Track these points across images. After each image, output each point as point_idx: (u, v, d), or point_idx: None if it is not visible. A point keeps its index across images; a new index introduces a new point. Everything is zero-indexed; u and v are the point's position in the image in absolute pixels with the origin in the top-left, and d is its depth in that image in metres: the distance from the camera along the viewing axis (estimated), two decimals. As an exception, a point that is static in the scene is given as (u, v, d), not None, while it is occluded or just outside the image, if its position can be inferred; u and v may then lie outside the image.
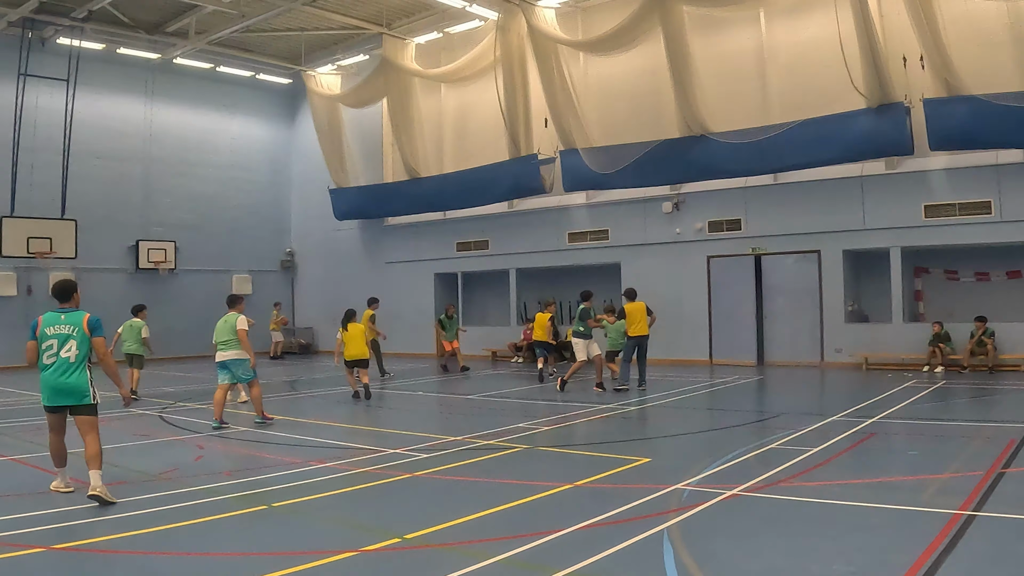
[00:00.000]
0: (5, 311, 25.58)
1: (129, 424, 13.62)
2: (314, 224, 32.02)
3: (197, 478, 9.15)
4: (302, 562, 6.02)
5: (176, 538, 6.81)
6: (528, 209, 26.01)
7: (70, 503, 8.01)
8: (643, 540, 6.28)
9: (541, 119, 23.33)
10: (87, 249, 26.59)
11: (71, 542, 6.67)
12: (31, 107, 25.42)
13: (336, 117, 29.30)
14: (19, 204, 25.06)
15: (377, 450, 10.65)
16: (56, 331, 8.34)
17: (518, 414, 13.98)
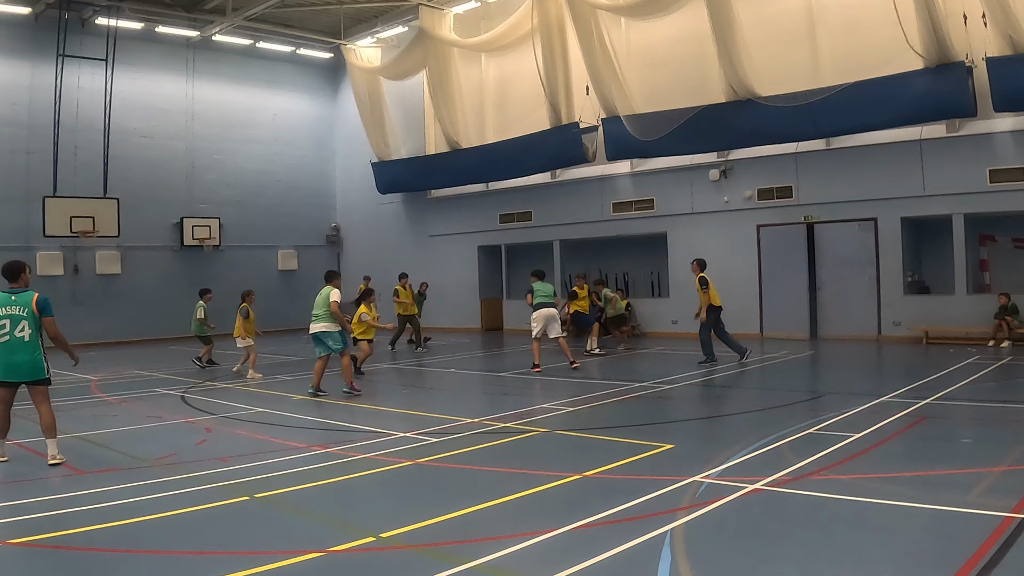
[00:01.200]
0: (53, 290, 25.59)
1: (148, 405, 13.34)
2: (358, 198, 31.66)
3: (191, 464, 8.68)
4: (257, 563, 5.47)
5: (137, 533, 6.32)
6: (571, 179, 25.24)
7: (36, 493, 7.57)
8: (642, 544, 5.57)
9: (582, 87, 22.47)
10: (131, 227, 26.57)
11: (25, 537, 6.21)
12: (72, 88, 25.35)
13: (377, 90, 28.78)
14: (62, 184, 25.07)
15: (387, 433, 10.09)
16: (8, 312, 8.69)
17: (545, 393, 13.29)
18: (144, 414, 12.46)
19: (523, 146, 24.22)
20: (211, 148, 29.37)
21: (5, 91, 24.79)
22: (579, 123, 22.55)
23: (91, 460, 9.10)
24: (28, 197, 24.87)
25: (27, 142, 25.06)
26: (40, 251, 25.45)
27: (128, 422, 11.82)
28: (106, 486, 7.75)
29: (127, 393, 14.81)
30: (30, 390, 8.96)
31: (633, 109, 21.37)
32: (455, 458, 8.65)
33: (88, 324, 25.82)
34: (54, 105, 24.95)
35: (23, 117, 25.00)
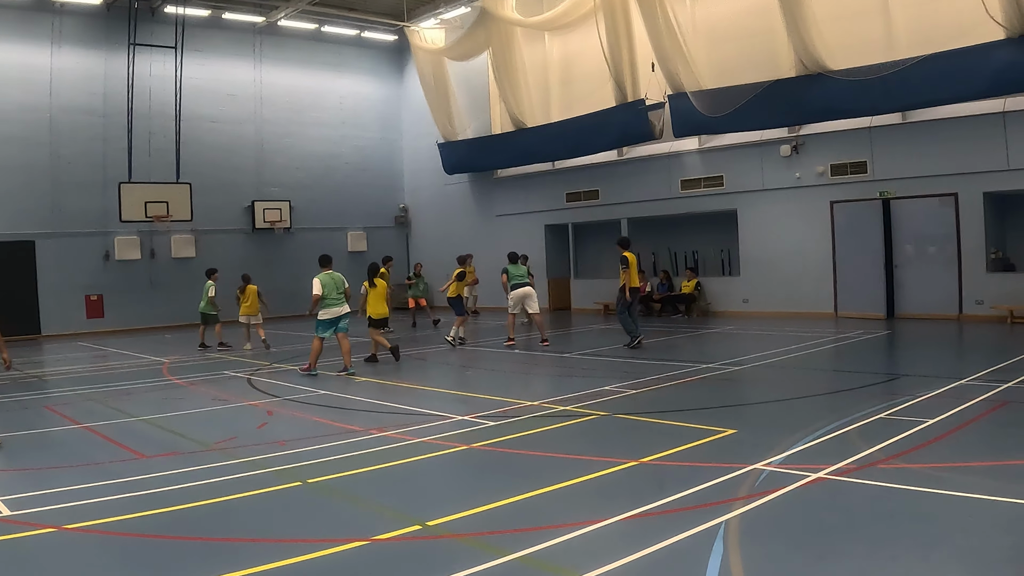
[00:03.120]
0: (131, 274, 26.39)
1: (214, 387, 13.53)
2: (425, 179, 31.70)
3: (249, 448, 8.73)
4: (303, 552, 5.43)
5: (189, 519, 6.36)
6: (638, 156, 24.84)
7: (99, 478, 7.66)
8: (694, 536, 5.36)
9: (647, 63, 22.00)
10: (203, 211, 27.03)
11: (83, 522, 6.27)
12: (144, 75, 25.79)
13: (441, 71, 28.71)
14: (136, 170, 25.60)
15: (445, 416, 10.01)
16: None
17: (609, 375, 13.01)
18: (210, 397, 12.63)
19: (589, 124, 23.88)
20: (280, 132, 29.69)
21: (82, 81, 25.39)
22: (645, 100, 22.09)
23: (154, 444, 9.22)
24: (105, 183, 25.51)
25: (103, 130, 25.66)
26: (118, 236, 26.12)
27: (194, 405, 11.99)
28: (165, 470, 7.83)
29: (196, 376, 15.05)
30: None
31: (700, 85, 20.85)
32: (510, 443, 8.53)
33: (164, 307, 26.52)
34: (127, 93, 25.46)
35: (99, 106, 25.60)
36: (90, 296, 25.71)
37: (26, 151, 24.47)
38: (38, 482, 7.62)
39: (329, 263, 14.80)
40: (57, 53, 24.98)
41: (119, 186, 25.26)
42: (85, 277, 25.56)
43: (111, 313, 25.95)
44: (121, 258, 26.21)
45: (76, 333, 25.05)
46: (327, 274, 14.45)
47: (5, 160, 24.03)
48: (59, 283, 25.05)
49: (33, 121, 24.63)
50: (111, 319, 25.89)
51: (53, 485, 7.42)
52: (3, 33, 24.04)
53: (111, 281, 26.04)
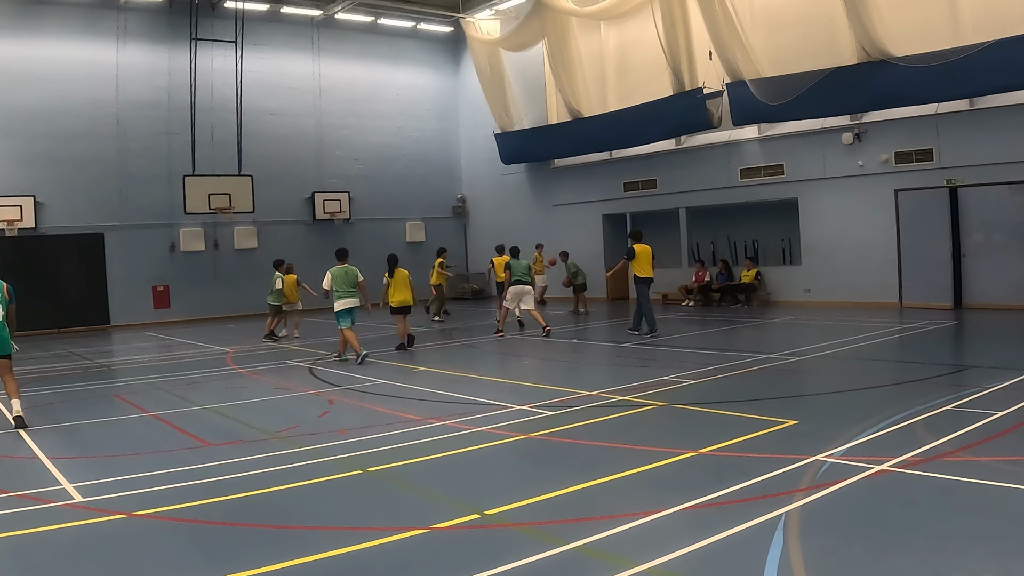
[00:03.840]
0: (196, 265, 26.92)
1: (276, 377, 13.76)
2: (483, 169, 31.79)
3: (311, 437, 8.88)
4: (362, 540, 5.51)
5: (251, 507, 6.50)
6: (696, 145, 24.60)
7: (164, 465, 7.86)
8: (753, 528, 5.32)
9: (705, 52, 21.75)
10: (265, 203, 27.48)
11: (151, 508, 6.44)
12: (206, 70, 26.33)
13: (497, 62, 28.73)
14: (200, 162, 26.11)
15: (503, 406, 10.05)
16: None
17: (667, 365, 12.95)
18: (273, 386, 12.85)
19: (646, 113, 23.72)
20: (339, 124, 30.00)
21: (146, 76, 25.95)
22: (703, 88, 21.86)
23: (219, 432, 9.42)
24: (170, 176, 26.06)
25: (168, 124, 26.19)
26: (183, 227, 26.67)
27: (257, 394, 12.21)
28: (229, 458, 8.00)
29: (259, 365, 15.32)
30: (4, 363, 10.14)
31: (759, 73, 20.56)
32: (568, 432, 8.54)
33: (228, 298, 27.02)
34: (190, 87, 25.98)
35: (163, 100, 26.14)
36: (157, 287, 26.32)
37: (95, 146, 25.12)
38: (108, 469, 7.83)
39: (345, 257, 15.61)
40: (122, 49, 25.56)
41: (183, 179, 25.80)
42: (152, 268, 26.18)
43: (177, 303, 26.53)
44: (186, 249, 26.77)
45: (143, 323, 25.66)
46: (340, 268, 15.20)
47: (75, 155, 24.69)
48: (127, 274, 25.70)
49: (101, 116, 25.26)
50: (177, 309, 26.48)
51: (123, 472, 7.63)
52: (70, 31, 24.65)
53: (176, 272, 26.63)
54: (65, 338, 22.77)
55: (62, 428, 10.07)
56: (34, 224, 23.99)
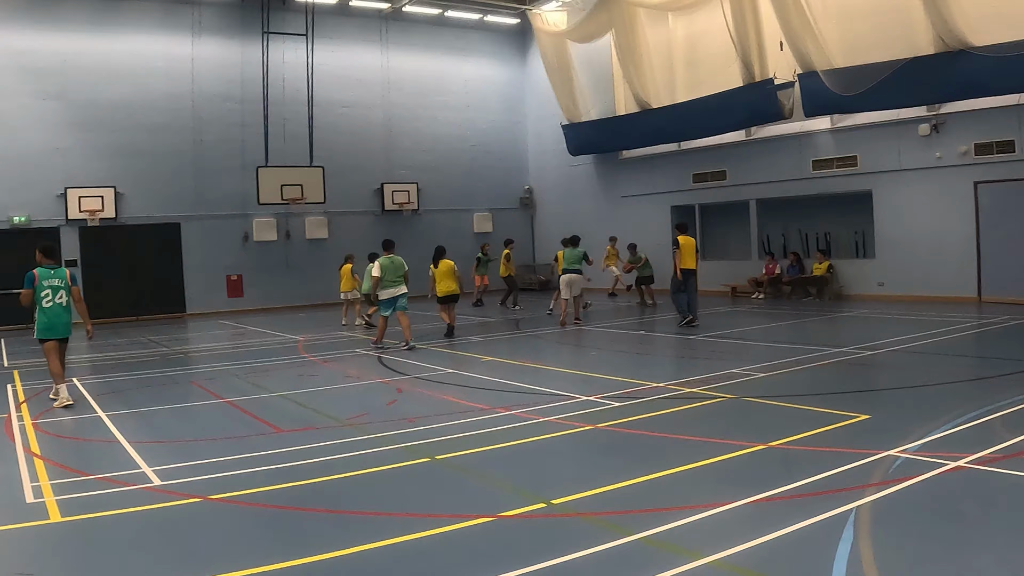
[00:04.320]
0: (268, 255, 27.46)
1: (345, 365, 13.99)
2: (550, 160, 31.75)
3: (380, 424, 9.02)
4: (430, 526, 5.59)
5: (322, 492, 6.63)
6: (767, 136, 24.21)
7: (238, 450, 8.06)
8: (822, 522, 5.26)
9: (775, 42, 21.35)
10: (335, 193, 27.86)
11: (226, 493, 6.61)
12: (277, 63, 26.87)
13: (564, 53, 28.63)
14: (272, 154, 26.62)
15: (570, 396, 10.08)
16: (51, 283, 10.88)
17: (736, 358, 12.79)
18: (343, 374, 13.07)
19: (715, 104, 23.41)
20: (407, 116, 30.26)
21: (220, 69, 26.53)
22: (774, 79, 21.48)
23: (290, 419, 9.62)
24: (244, 168, 26.61)
25: (241, 116, 26.75)
26: (256, 218, 27.21)
27: (327, 382, 12.43)
28: (300, 445, 8.17)
29: (329, 353, 15.58)
30: (60, 345, 11.02)
31: (831, 63, 20.13)
32: (636, 424, 8.52)
33: (299, 287, 27.50)
34: (262, 80, 26.54)
35: (237, 93, 26.70)
36: (230, 276, 26.92)
37: (172, 138, 25.79)
38: (185, 454, 8.07)
39: (391, 247, 16.17)
40: (197, 43, 26.18)
41: (257, 170, 26.32)
42: (226, 258, 26.79)
43: (250, 292, 27.11)
44: (259, 239, 27.32)
45: (218, 311, 26.26)
46: (387, 258, 15.79)
47: (154, 147, 25.39)
48: (202, 263, 26.36)
49: (177, 109, 25.91)
50: (250, 298, 27.04)
51: (199, 457, 7.85)
52: (148, 26, 25.36)
53: (250, 261, 27.20)
54: (143, 325, 23.45)
55: (141, 413, 10.40)
56: (115, 214, 24.74)
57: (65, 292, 10.98)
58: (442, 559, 5.10)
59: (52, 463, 7.81)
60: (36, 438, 8.97)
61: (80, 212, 24.19)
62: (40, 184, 23.80)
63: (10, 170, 23.35)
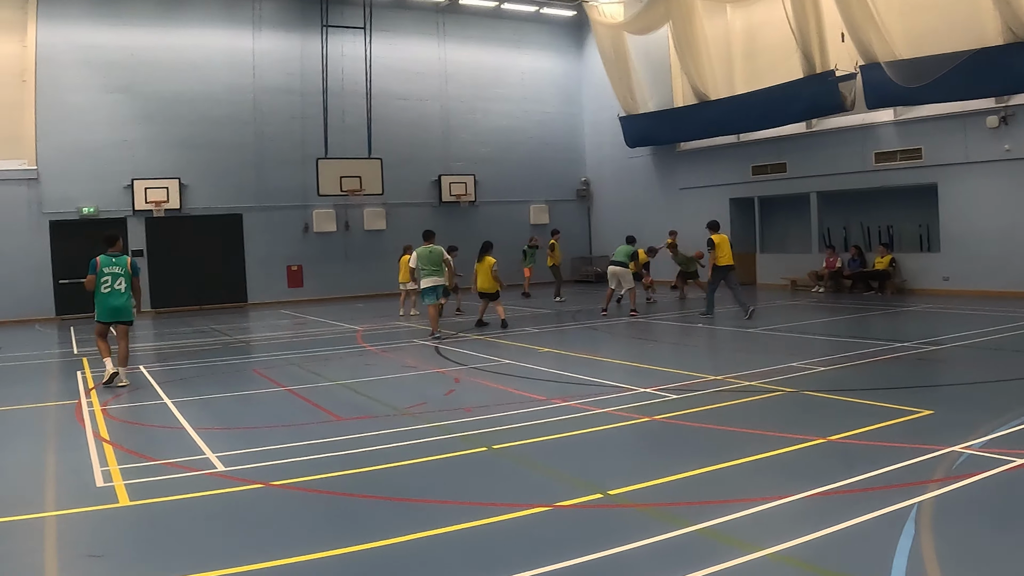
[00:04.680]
0: (328, 246, 27.81)
1: (404, 354, 14.12)
2: (607, 152, 31.62)
3: (438, 414, 9.11)
4: (487, 515, 5.65)
5: (380, 479, 6.74)
6: (828, 129, 23.81)
7: (301, 437, 8.21)
8: (883, 517, 5.21)
9: (836, 34, 20.94)
10: (393, 185, 28.10)
11: (287, 479, 6.75)
12: (336, 56, 27.19)
13: (621, 45, 28.46)
14: (332, 146, 26.94)
15: (626, 388, 10.07)
16: (111, 271, 11.59)
17: (796, 352, 12.67)
18: (401, 363, 13.21)
19: (775, 96, 23.08)
20: (464, 108, 30.40)
21: (281, 62, 26.94)
22: (835, 71, 21.11)
23: (350, 407, 9.77)
24: (304, 160, 26.98)
25: (301, 108, 27.12)
26: (316, 209, 27.58)
27: (386, 371, 12.58)
28: (359, 432, 8.31)
29: (387, 343, 15.75)
30: (117, 329, 11.83)
31: (895, 55, 19.72)
32: (693, 416, 8.50)
33: (358, 277, 27.84)
34: (322, 73, 26.88)
35: (296, 85, 27.08)
36: (291, 266, 27.35)
37: (234, 130, 26.27)
38: (247, 440, 8.25)
39: (431, 238, 16.70)
40: (258, 37, 26.62)
41: (316, 162, 26.66)
42: (286, 248, 27.22)
43: (309, 282, 27.51)
44: (319, 230, 27.68)
45: (278, 301, 26.70)
46: (426, 248, 16.33)
47: (217, 139, 25.90)
48: (263, 254, 26.82)
49: (239, 102, 26.38)
50: (309, 288, 27.45)
51: (260, 443, 8.02)
52: (210, 20, 25.90)
53: (310, 252, 27.60)
54: (206, 315, 23.93)
55: (205, 400, 10.64)
56: (179, 205, 25.27)
57: (124, 279, 11.67)
58: (499, 547, 5.16)
59: (120, 448, 8.04)
60: (105, 423, 9.24)
61: (146, 203, 24.77)
62: (108, 175, 24.44)
63: (80, 162, 24.01)
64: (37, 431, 9.29)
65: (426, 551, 5.13)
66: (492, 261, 17.74)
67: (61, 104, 23.87)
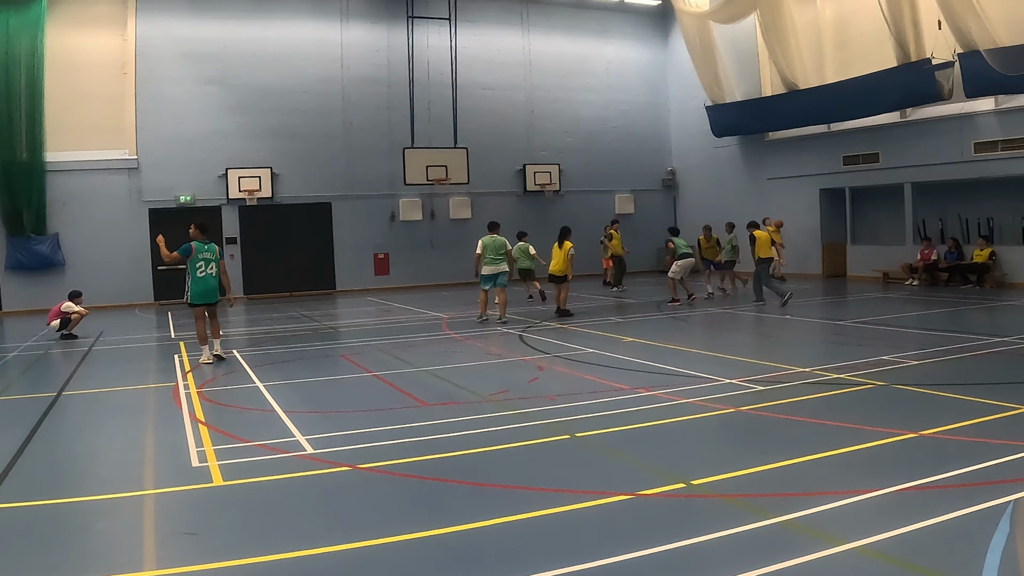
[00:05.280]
0: (414, 234, 28.20)
1: (488, 343, 14.24)
2: (693, 142, 31.26)
3: (521, 401, 9.18)
4: (569, 502, 5.68)
5: (466, 465, 6.81)
6: (924, 118, 23.07)
7: (386, 422, 8.36)
8: (975, 514, 5.08)
9: (932, 21, 20.29)
10: (478, 174, 28.34)
11: (373, 462, 6.89)
12: (422, 47, 27.59)
13: (707, 34, 28.02)
14: (418, 136, 27.32)
15: (712, 379, 9.98)
16: (204, 256, 12.73)
17: (887, 345, 12.32)
18: (485, 351, 13.33)
19: (868, 85, 22.48)
20: (548, 98, 30.40)
21: (368, 53, 27.39)
22: (931, 59, 20.48)
23: (435, 393, 9.91)
24: (391, 149, 27.42)
25: (388, 99, 27.56)
26: (402, 198, 28.00)
27: (470, 358, 12.71)
28: (444, 418, 8.43)
29: (472, 331, 15.89)
30: (211, 309, 12.93)
31: (995, 42, 18.99)
32: (780, 408, 8.38)
33: (443, 266, 28.16)
34: (408, 64, 27.34)
35: (384, 76, 27.52)
36: (377, 254, 27.84)
37: (323, 120, 26.89)
38: (336, 424, 8.44)
39: (496, 228, 17.36)
40: (346, 28, 27.15)
41: (403, 151, 27.05)
42: (374, 237, 27.72)
43: (395, 270, 27.97)
44: (405, 219, 28.10)
45: (365, 289, 27.20)
46: (490, 237, 17.05)
47: (306, 129, 26.53)
48: (351, 242, 27.37)
49: (328, 92, 26.94)
50: (396, 276, 27.90)
51: (348, 427, 8.20)
52: (299, 13, 26.57)
53: (396, 240, 28.05)
54: (297, 301, 24.51)
55: (295, 384, 10.92)
56: (271, 194, 25.95)
57: (215, 264, 12.82)
58: (580, 534, 5.18)
59: (215, 429, 8.32)
60: (201, 406, 9.57)
61: (239, 192, 25.49)
62: (203, 165, 25.24)
63: (177, 152, 24.85)
64: (137, 412, 9.67)
65: (507, 537, 5.19)
66: (570, 246, 17.83)
67: (159, 96, 24.74)
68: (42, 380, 12.27)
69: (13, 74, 22.89)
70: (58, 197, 23.77)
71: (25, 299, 23.22)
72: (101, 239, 23.93)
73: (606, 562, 4.63)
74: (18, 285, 23.48)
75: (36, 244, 23.42)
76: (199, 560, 4.97)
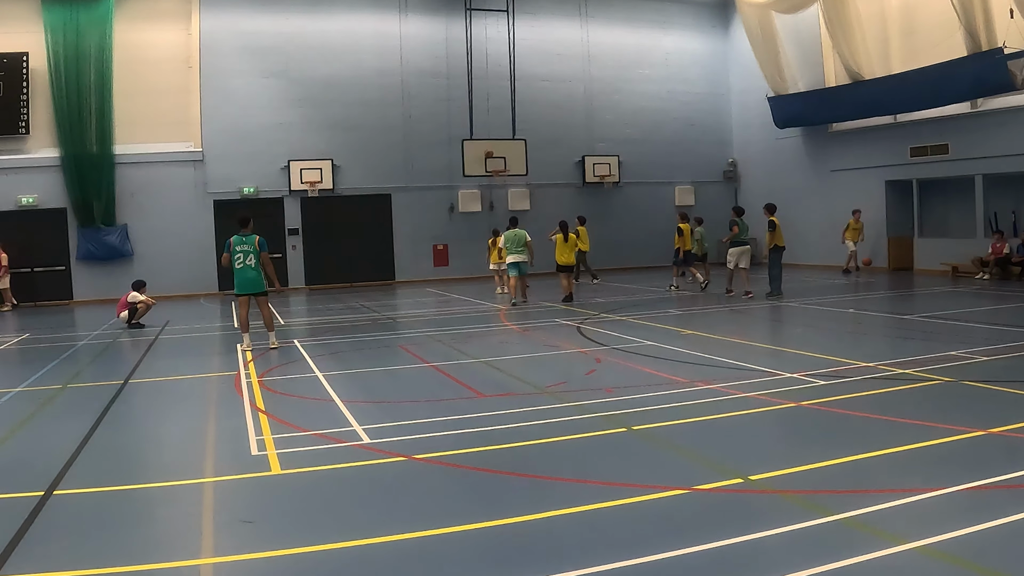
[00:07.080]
0: (472, 225, 28.26)
1: (545, 334, 14.22)
2: (755, 134, 30.79)
3: (578, 393, 9.14)
4: (625, 495, 5.64)
5: (522, 457, 6.81)
6: (996, 108, 22.37)
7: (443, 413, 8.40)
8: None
9: (1004, 10, 19.67)
10: (537, 166, 28.34)
11: (429, 453, 6.92)
12: (480, 39, 27.72)
13: (769, 24, 27.56)
14: (477, 127, 27.42)
15: (773, 373, 9.82)
16: (241, 248, 13.07)
17: (955, 340, 12.01)
18: (542, 343, 13.31)
19: (936, 75, 21.90)
20: (608, 89, 30.23)
21: (427, 46, 27.56)
22: (1003, 48, 19.84)
23: (491, 384, 9.93)
24: (450, 141, 27.55)
25: (447, 91, 27.67)
26: (461, 189, 28.13)
27: (527, 350, 12.71)
28: (501, 409, 8.44)
29: (529, 323, 15.88)
30: (257, 300, 13.31)
31: (1073, 30, 18.41)
32: (841, 403, 8.21)
33: (502, 257, 28.15)
34: (466, 56, 27.45)
35: (442, 68, 27.67)
36: (436, 245, 28.01)
37: (383, 112, 27.14)
38: (392, 414, 8.51)
39: (515, 223, 19.40)
40: (405, 21, 27.38)
41: (462, 143, 27.19)
42: (433, 228, 27.91)
43: (455, 262, 28.11)
44: (464, 210, 28.21)
45: (424, 279, 27.37)
46: (512, 231, 18.84)
47: (367, 121, 26.83)
48: (411, 233, 27.61)
49: (388, 85, 27.16)
50: (454, 267, 28.05)
51: (405, 417, 8.25)
52: (359, 5, 26.94)
53: (455, 232, 28.18)
54: (356, 291, 24.78)
55: (353, 374, 11.04)
56: (332, 186, 26.26)
57: (254, 256, 13.09)
58: (635, 528, 5.14)
59: (275, 418, 8.43)
60: (261, 394, 9.71)
61: (301, 183, 25.82)
62: (266, 157, 25.64)
63: (240, 144, 25.27)
64: (199, 400, 9.86)
65: (562, 529, 5.17)
66: (575, 236, 19.50)
67: (223, 89, 25.17)
68: (110, 368, 12.58)
69: (83, 69, 23.55)
70: (126, 189, 24.39)
71: (96, 288, 23.87)
72: (168, 230, 24.47)
73: (663, 556, 4.59)
74: (89, 275, 24.15)
75: (106, 235, 24.06)
76: (256, 548, 5.05)
